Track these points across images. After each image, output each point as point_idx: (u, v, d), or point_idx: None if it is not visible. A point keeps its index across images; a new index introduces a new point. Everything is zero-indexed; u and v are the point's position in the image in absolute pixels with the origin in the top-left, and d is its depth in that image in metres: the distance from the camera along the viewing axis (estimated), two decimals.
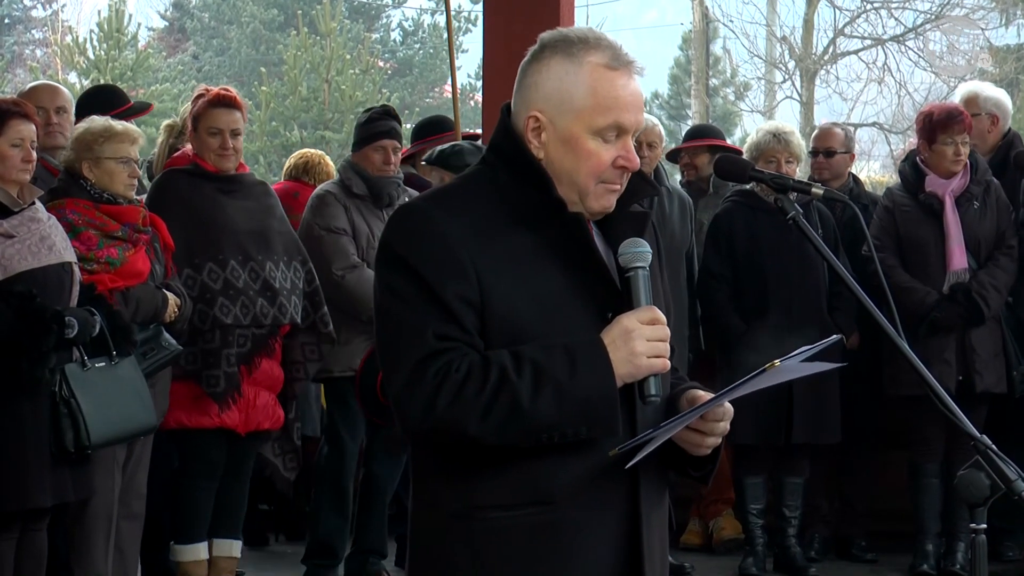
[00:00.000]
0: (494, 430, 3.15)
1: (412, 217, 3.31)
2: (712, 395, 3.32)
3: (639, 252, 3.27)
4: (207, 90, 7.59)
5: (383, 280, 3.30)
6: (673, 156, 9.90)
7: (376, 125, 8.20)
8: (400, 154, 8.27)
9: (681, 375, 3.54)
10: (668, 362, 3.24)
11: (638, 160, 3.34)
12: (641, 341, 3.19)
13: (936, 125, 8.31)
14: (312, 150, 9.73)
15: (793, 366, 3.25)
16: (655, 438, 3.22)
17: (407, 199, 7.83)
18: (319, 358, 7.67)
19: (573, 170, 3.28)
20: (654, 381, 3.22)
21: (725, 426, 3.32)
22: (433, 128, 9.00)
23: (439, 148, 7.60)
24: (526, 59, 3.36)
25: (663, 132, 8.95)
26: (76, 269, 6.52)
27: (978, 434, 3.31)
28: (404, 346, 3.21)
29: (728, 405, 3.30)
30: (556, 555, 3.23)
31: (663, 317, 3.24)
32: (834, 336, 3.44)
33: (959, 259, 8.20)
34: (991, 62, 30.64)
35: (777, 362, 3.15)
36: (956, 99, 9.10)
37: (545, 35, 3.36)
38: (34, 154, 6.50)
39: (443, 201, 3.34)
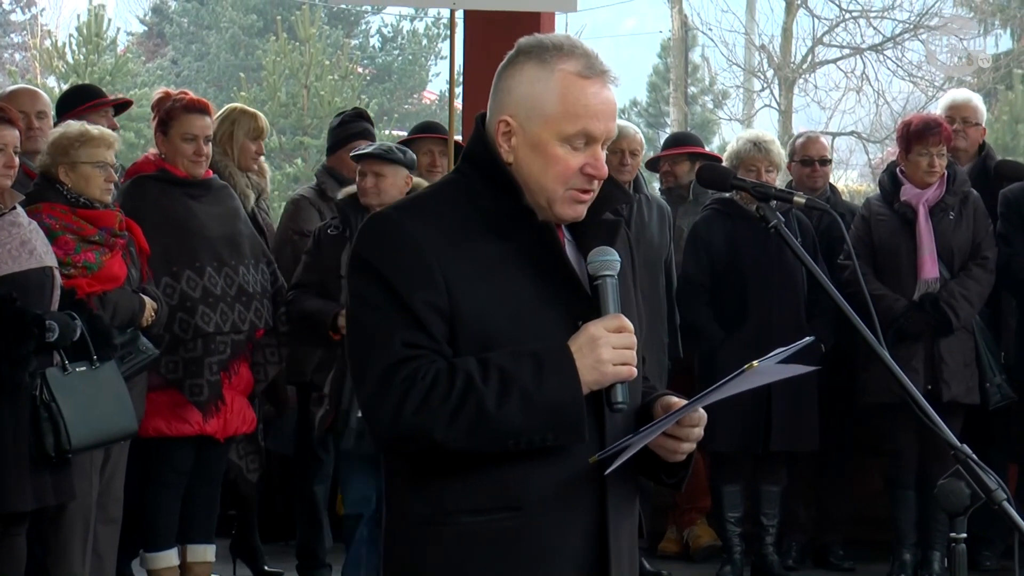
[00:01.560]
0: (461, 436, 3.17)
1: (382, 225, 3.33)
2: (686, 401, 3.32)
3: (607, 260, 3.29)
4: (168, 94, 7.57)
5: (353, 288, 3.33)
6: (652, 164, 9.91)
7: (349, 127, 8.29)
8: None
9: (651, 384, 3.55)
10: (635, 370, 3.26)
11: (606, 169, 3.35)
12: (607, 348, 3.21)
13: (912, 135, 8.34)
14: None
15: (769, 368, 3.28)
16: (632, 445, 3.24)
17: None
18: (279, 360, 7.66)
19: (541, 175, 3.30)
20: (621, 388, 3.24)
21: (699, 432, 3.34)
22: (429, 131, 9.03)
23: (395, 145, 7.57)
24: (502, 64, 3.38)
25: (644, 140, 8.97)
26: (57, 273, 6.51)
27: (958, 443, 3.31)
28: (372, 354, 3.23)
29: (702, 411, 3.32)
30: (525, 560, 3.26)
31: (630, 325, 3.26)
32: (808, 338, 3.45)
33: (930, 268, 8.21)
34: (989, 62, 30.72)
35: (756, 363, 3.18)
36: (946, 104, 9.07)
37: (522, 41, 3.38)
38: (16, 159, 6.48)
39: (414, 209, 3.36)
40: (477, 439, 3.18)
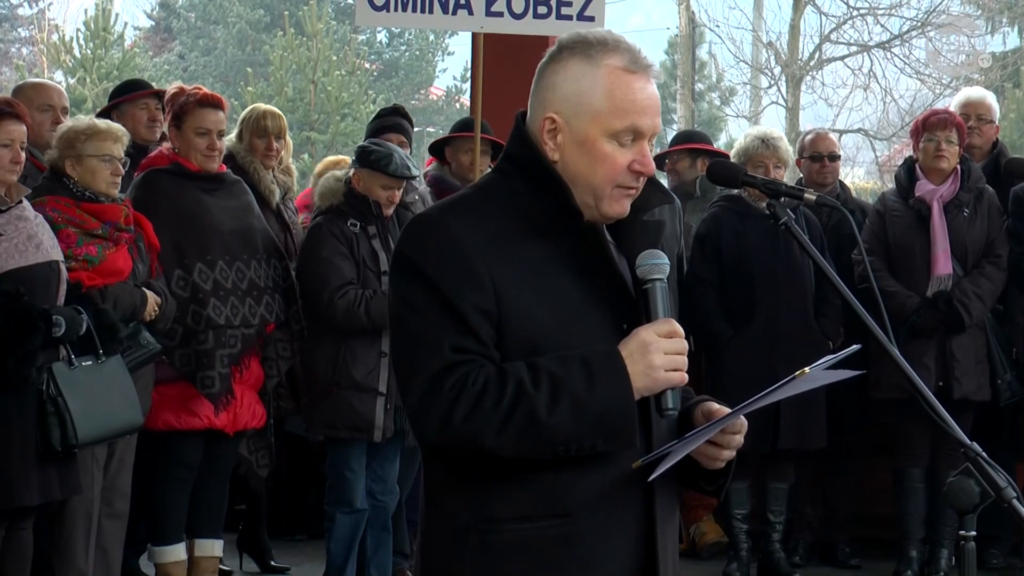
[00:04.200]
0: (511, 443, 3.12)
1: (428, 227, 3.27)
2: (728, 409, 3.28)
3: (657, 264, 3.24)
4: (182, 89, 7.58)
5: (398, 291, 3.27)
6: (659, 161, 9.91)
7: (383, 121, 8.45)
8: (407, 151, 8.38)
9: (686, 385, 3.51)
10: (686, 375, 3.21)
11: (653, 165, 3.32)
12: (659, 354, 3.17)
13: (921, 123, 8.46)
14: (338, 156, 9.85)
15: (818, 375, 3.23)
16: (675, 451, 3.20)
17: (416, 196, 7.90)
18: (291, 355, 7.67)
19: (589, 173, 3.26)
20: (671, 394, 3.20)
21: (740, 440, 3.29)
22: (467, 127, 9.12)
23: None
24: (544, 60, 3.33)
25: None
26: (63, 267, 6.51)
27: (968, 441, 3.29)
28: (420, 358, 3.17)
29: (743, 418, 3.27)
30: (572, 567, 3.21)
31: (681, 330, 3.22)
32: (854, 346, 3.41)
33: (943, 265, 8.21)
34: (989, 61, 30.69)
35: (807, 370, 3.14)
36: (960, 102, 9.05)
37: (564, 36, 3.33)
38: (23, 155, 6.48)
39: (459, 211, 3.30)
40: (528, 446, 3.13)
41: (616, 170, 3.25)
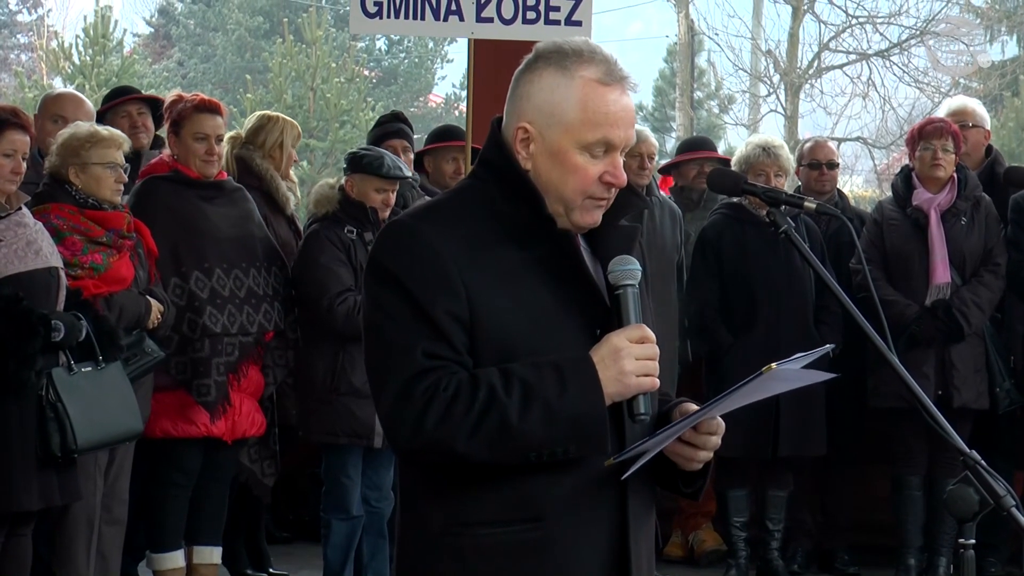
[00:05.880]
0: (483, 448, 3.14)
1: (401, 233, 3.29)
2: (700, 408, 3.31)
3: (629, 270, 3.26)
4: (180, 96, 7.58)
5: (372, 296, 3.29)
6: (665, 169, 9.88)
7: (384, 127, 8.48)
8: (411, 155, 8.44)
9: (665, 391, 3.50)
10: (657, 380, 3.23)
11: (625, 177, 3.32)
12: (630, 360, 3.19)
13: (916, 132, 8.47)
14: None
15: (786, 374, 3.25)
16: (649, 449, 3.22)
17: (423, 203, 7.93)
18: (286, 364, 7.67)
19: (560, 184, 3.27)
20: (643, 400, 3.22)
21: (717, 440, 3.32)
22: (448, 135, 9.13)
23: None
24: (520, 68, 3.34)
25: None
26: (62, 274, 6.52)
27: (967, 449, 3.31)
28: (393, 364, 3.20)
29: (720, 419, 3.30)
30: (545, 571, 3.23)
31: (652, 335, 3.23)
32: (827, 346, 3.43)
33: (942, 274, 8.22)
34: (990, 62, 30.73)
35: (774, 365, 3.14)
36: (944, 114, 9.10)
37: (541, 45, 3.34)
38: (24, 166, 6.49)
39: (433, 217, 3.32)
40: (499, 451, 3.15)
41: (587, 182, 3.26)
